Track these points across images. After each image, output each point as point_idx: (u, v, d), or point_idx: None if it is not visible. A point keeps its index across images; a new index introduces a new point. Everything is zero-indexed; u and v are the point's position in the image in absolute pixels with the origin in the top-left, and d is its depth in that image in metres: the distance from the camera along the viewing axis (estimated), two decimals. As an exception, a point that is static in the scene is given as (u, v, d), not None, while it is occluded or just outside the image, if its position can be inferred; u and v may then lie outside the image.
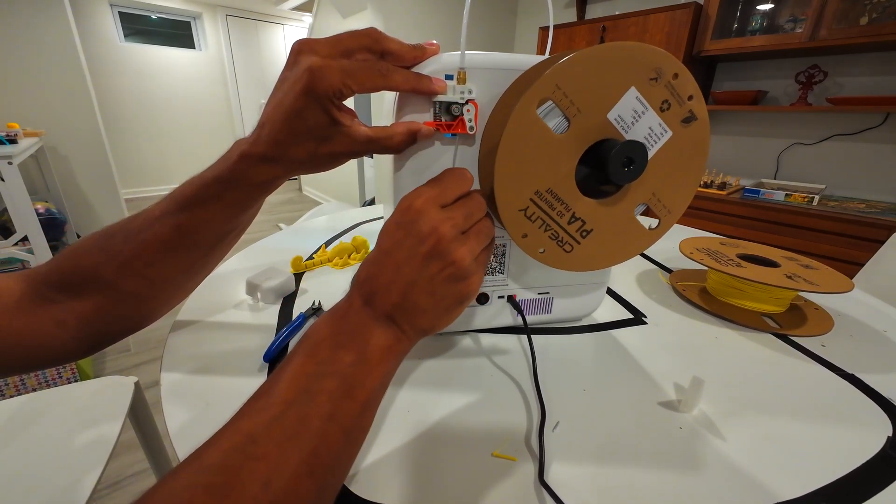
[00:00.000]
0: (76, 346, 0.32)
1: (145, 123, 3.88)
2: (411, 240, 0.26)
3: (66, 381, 1.21)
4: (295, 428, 0.21)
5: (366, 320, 0.26)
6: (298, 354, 0.24)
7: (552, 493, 0.27)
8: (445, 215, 0.27)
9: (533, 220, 0.30)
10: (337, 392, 0.22)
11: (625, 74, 0.29)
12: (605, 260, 0.34)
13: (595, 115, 0.29)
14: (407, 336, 0.26)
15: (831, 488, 0.28)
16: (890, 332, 0.48)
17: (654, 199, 0.33)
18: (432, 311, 0.27)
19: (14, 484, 0.50)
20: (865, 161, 1.72)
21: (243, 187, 0.30)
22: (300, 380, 0.23)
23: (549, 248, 0.32)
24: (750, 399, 0.36)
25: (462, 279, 0.27)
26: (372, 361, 0.24)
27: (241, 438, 0.20)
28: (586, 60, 0.28)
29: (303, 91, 0.26)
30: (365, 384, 0.24)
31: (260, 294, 0.50)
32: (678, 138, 0.32)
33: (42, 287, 0.30)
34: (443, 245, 0.26)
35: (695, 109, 0.31)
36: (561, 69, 0.27)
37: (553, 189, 0.30)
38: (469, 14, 0.31)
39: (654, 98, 0.30)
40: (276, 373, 0.23)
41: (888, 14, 1.44)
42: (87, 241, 0.32)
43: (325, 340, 0.25)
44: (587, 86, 0.28)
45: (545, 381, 0.38)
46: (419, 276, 0.26)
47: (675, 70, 0.30)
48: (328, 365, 0.23)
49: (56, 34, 2.04)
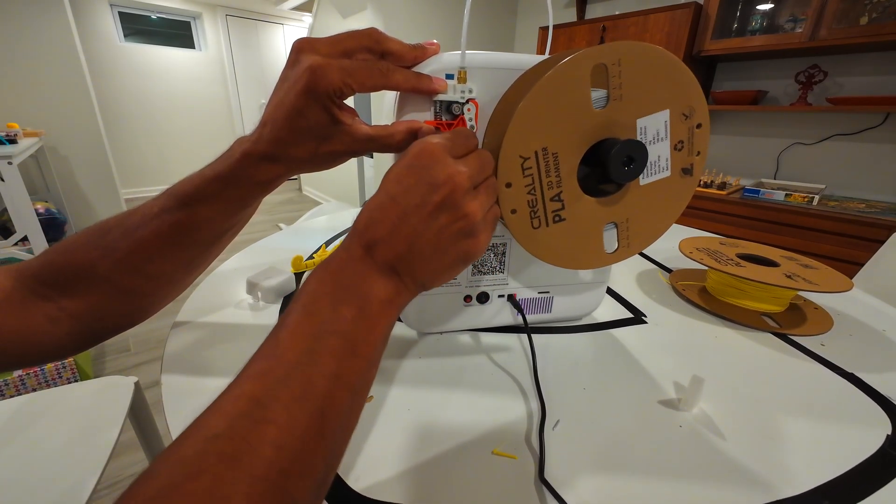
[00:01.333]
0: (71, 342, 0.32)
1: (145, 123, 3.87)
2: (423, 186, 0.25)
3: (66, 382, 1.21)
4: (301, 389, 0.20)
5: (366, 271, 0.25)
6: (297, 312, 0.23)
7: (553, 490, 0.27)
8: (461, 165, 0.25)
9: (525, 174, 0.29)
10: (340, 350, 0.22)
11: (672, 93, 0.29)
12: (557, 257, 0.33)
13: (630, 112, 0.29)
14: (407, 288, 0.26)
15: (831, 486, 0.28)
16: (889, 331, 0.48)
17: (625, 225, 0.33)
18: (435, 265, 0.26)
19: (14, 484, 0.50)
20: (865, 161, 1.72)
21: (244, 185, 0.30)
22: (302, 339, 0.22)
23: (521, 213, 0.30)
24: (750, 398, 0.36)
25: (471, 235, 0.26)
26: (374, 315, 0.24)
27: (246, 403, 0.19)
28: (655, 55, 0.28)
29: (304, 90, 0.26)
30: (368, 340, 0.23)
31: (260, 293, 0.50)
32: (672, 182, 0.32)
33: (33, 283, 0.30)
34: (457, 195, 0.25)
35: (696, 166, 0.32)
36: (632, 47, 0.27)
37: (559, 156, 0.29)
38: (469, 14, 0.31)
39: (675, 133, 0.31)
40: (274, 333, 0.23)
41: (888, 14, 1.44)
42: (81, 236, 0.31)
43: (325, 296, 0.24)
44: (642, 79, 0.28)
45: (545, 379, 0.38)
46: (427, 226, 0.25)
47: (702, 120, 0.31)
48: (330, 323, 0.23)
49: (56, 34, 2.04)
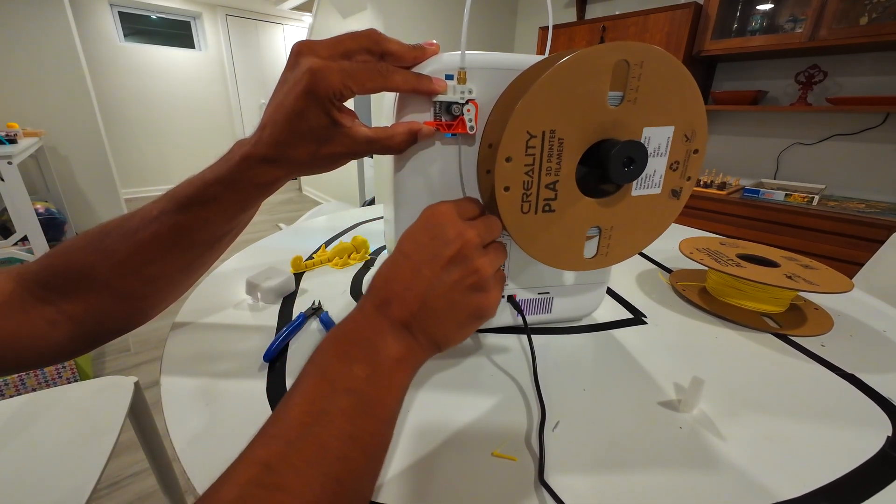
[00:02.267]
0: (70, 345, 0.32)
1: (145, 123, 3.87)
2: (436, 243, 0.26)
3: (66, 381, 1.21)
4: (314, 452, 0.20)
5: (379, 328, 0.25)
6: (309, 374, 0.23)
7: (552, 492, 0.27)
8: (470, 224, 0.27)
9: (527, 152, 0.28)
10: (354, 410, 0.21)
11: (681, 110, 0.30)
12: (537, 247, 0.32)
13: (639, 117, 0.29)
14: (421, 346, 0.25)
15: (831, 488, 0.28)
16: (889, 331, 0.48)
17: (608, 233, 0.32)
18: (448, 322, 0.26)
19: (14, 484, 0.50)
20: (865, 161, 1.72)
21: (244, 188, 0.30)
22: (314, 401, 0.21)
23: (513, 193, 0.29)
24: (750, 399, 0.36)
25: (482, 290, 0.26)
26: (387, 374, 0.23)
27: (257, 469, 0.19)
28: (675, 66, 0.28)
29: (303, 92, 0.26)
30: (383, 399, 0.23)
31: (260, 294, 0.50)
32: (659, 201, 0.32)
33: (32, 286, 0.30)
34: (468, 251, 0.26)
35: (684, 191, 0.32)
36: (657, 53, 0.27)
37: (564, 144, 0.28)
38: (469, 14, 0.31)
39: (674, 152, 0.31)
40: (287, 396, 0.22)
41: (888, 14, 1.44)
42: (80, 239, 0.31)
43: (337, 356, 0.23)
44: (659, 88, 0.29)
45: (545, 380, 0.38)
46: (440, 281, 0.25)
47: (700, 147, 0.31)
48: (342, 381, 0.22)
49: (56, 34, 2.04)
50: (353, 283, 0.57)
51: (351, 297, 0.53)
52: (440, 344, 0.27)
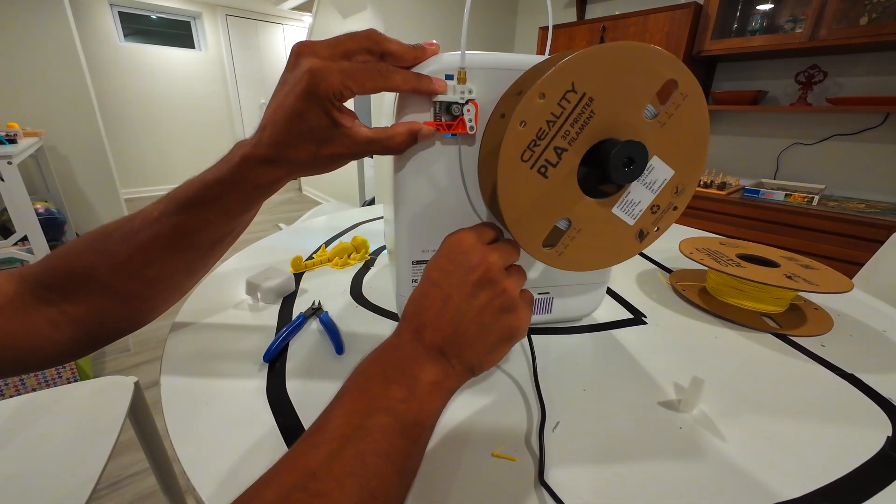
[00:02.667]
0: (72, 347, 0.32)
1: (145, 123, 3.87)
2: (462, 270, 0.27)
3: (66, 381, 1.21)
4: (353, 464, 0.20)
5: (415, 354, 0.25)
6: (350, 390, 0.24)
7: (552, 492, 0.27)
8: (491, 248, 0.28)
9: (559, 102, 0.27)
10: (390, 429, 0.22)
11: (689, 159, 0.31)
12: (510, 202, 0.29)
13: (657, 143, 0.30)
14: (455, 371, 0.26)
15: (831, 488, 0.28)
16: (889, 332, 0.48)
17: (573, 233, 0.31)
18: (480, 345, 0.26)
19: (14, 484, 0.50)
20: (865, 161, 1.72)
21: (245, 189, 0.30)
22: (354, 415, 0.22)
23: (524, 133, 0.28)
24: (750, 399, 0.36)
25: (511, 310, 0.27)
26: (422, 397, 0.24)
27: (300, 475, 0.20)
28: (705, 116, 0.30)
29: (303, 93, 0.26)
30: (417, 421, 0.23)
31: (260, 294, 0.50)
32: (625, 232, 0.32)
33: (34, 287, 0.30)
34: (493, 273, 0.27)
35: (649, 237, 0.33)
36: (700, 97, 0.29)
37: (592, 119, 0.28)
38: (469, 14, 0.31)
39: (661, 196, 0.32)
40: (328, 409, 0.23)
41: (888, 14, 1.44)
42: (82, 241, 0.31)
43: (377, 375, 0.24)
44: (686, 128, 0.30)
45: (545, 380, 0.38)
46: (469, 305, 0.26)
47: (680, 206, 0.33)
48: (380, 400, 0.23)
49: (56, 34, 2.04)
50: (353, 283, 0.57)
51: (351, 298, 0.53)
52: (474, 368, 0.27)
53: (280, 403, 0.34)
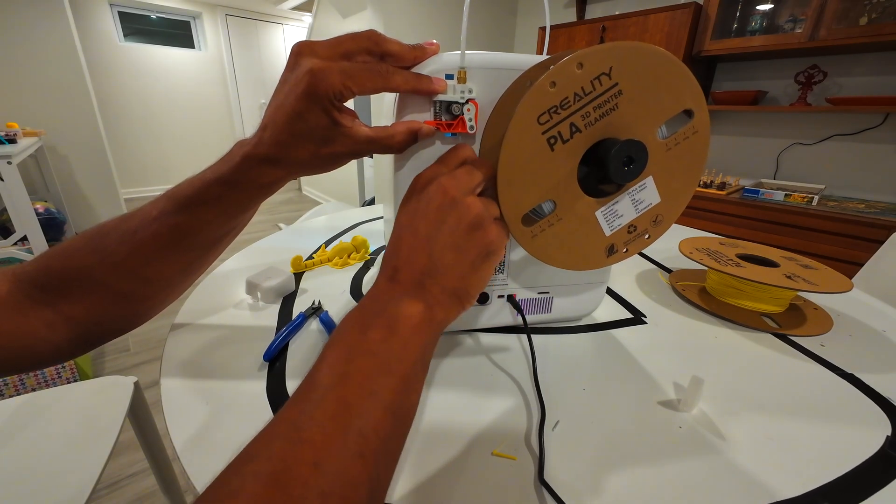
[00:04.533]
0: (68, 346, 0.31)
1: (145, 123, 3.87)
2: (423, 203, 0.27)
3: (66, 381, 1.21)
4: (335, 408, 0.20)
5: (392, 296, 0.26)
6: (330, 346, 0.24)
7: (552, 491, 0.27)
8: (448, 174, 0.28)
9: (592, 80, 0.27)
10: (373, 369, 0.22)
11: (672, 197, 0.33)
12: (510, 161, 0.29)
13: (659, 166, 0.31)
14: (438, 302, 0.26)
15: (831, 487, 0.28)
16: (889, 331, 0.48)
17: (553, 219, 0.31)
18: (459, 267, 0.27)
19: (13, 484, 0.50)
20: (865, 161, 1.72)
21: (245, 188, 0.30)
22: (335, 365, 0.22)
23: (551, 97, 0.27)
24: (749, 398, 0.36)
25: (479, 226, 0.27)
26: (404, 334, 0.24)
27: (283, 426, 0.20)
28: (705, 147, 0.31)
29: (304, 93, 0.26)
30: (402, 358, 0.23)
31: (260, 294, 0.50)
32: (597, 240, 0.33)
33: (29, 288, 0.30)
34: (452, 193, 0.27)
35: (616, 255, 0.34)
36: (706, 133, 0.31)
37: (614, 112, 0.28)
38: (469, 14, 0.31)
39: (641, 218, 0.32)
40: (311, 369, 0.23)
41: (888, 14, 1.44)
42: (78, 240, 0.31)
43: (353, 325, 0.25)
44: (686, 161, 0.31)
45: (545, 380, 0.38)
46: (438, 230, 0.26)
47: (653, 237, 0.34)
48: (358, 346, 0.23)
49: (56, 34, 2.04)
50: (352, 282, 0.57)
51: (351, 297, 0.53)
52: (459, 293, 0.27)
53: (280, 403, 0.34)
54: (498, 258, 0.29)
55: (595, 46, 0.26)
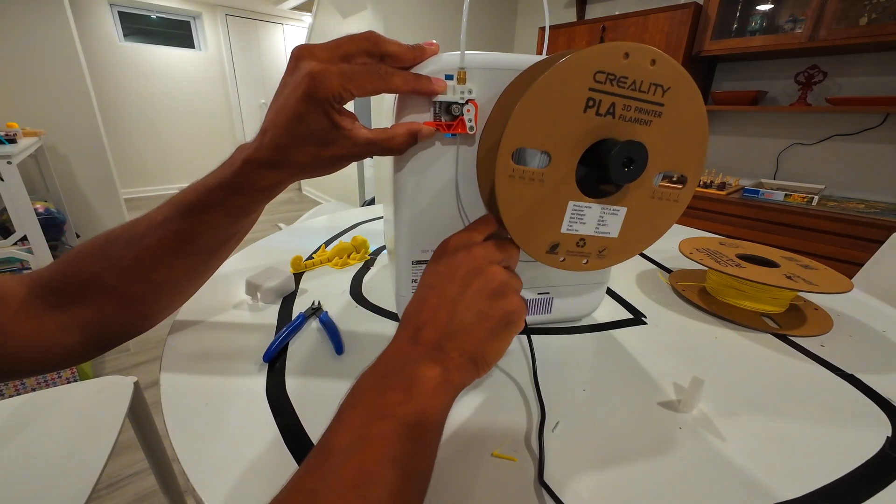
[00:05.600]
0: (81, 350, 0.32)
1: (145, 123, 3.87)
2: (451, 267, 0.28)
3: (66, 381, 1.21)
4: (355, 476, 0.20)
5: (412, 356, 0.25)
6: (348, 406, 0.23)
7: (552, 493, 0.27)
8: (478, 245, 0.29)
9: (622, 78, 0.27)
10: (392, 434, 0.22)
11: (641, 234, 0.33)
12: (527, 124, 0.28)
13: (642, 189, 0.31)
14: (455, 365, 0.25)
15: (831, 488, 0.28)
16: (889, 332, 0.48)
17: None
18: (479, 333, 0.26)
19: (13, 484, 0.50)
20: (865, 161, 1.72)
21: (247, 192, 0.30)
22: (353, 428, 0.22)
23: (585, 80, 0.27)
24: (749, 399, 0.36)
25: (503, 294, 0.27)
26: (423, 397, 0.23)
27: (302, 497, 0.19)
28: (677, 211, 0.32)
29: (303, 96, 0.26)
30: (421, 423, 0.23)
31: (260, 294, 0.50)
32: (549, 234, 0.32)
33: (44, 292, 0.30)
34: (478, 262, 0.28)
35: (551, 260, 0.33)
36: (688, 196, 0.32)
37: (632, 117, 0.28)
38: (469, 14, 0.31)
39: (594, 241, 0.32)
40: (328, 428, 0.23)
41: (888, 14, 1.44)
42: (89, 245, 0.32)
43: (373, 386, 0.24)
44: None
45: (545, 381, 0.38)
46: (461, 294, 0.27)
47: (593, 267, 0.34)
48: (378, 409, 0.23)
49: (56, 34, 2.04)
50: (352, 283, 0.57)
51: (350, 297, 0.53)
52: (477, 360, 0.26)
53: (280, 403, 0.34)
54: (518, 328, 0.28)
55: (669, 58, 0.27)
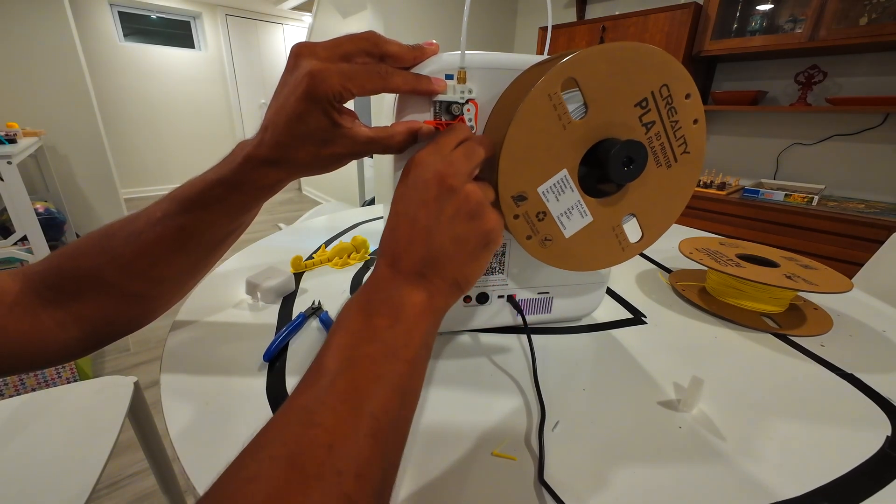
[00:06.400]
0: (78, 345, 0.32)
1: (145, 123, 3.87)
2: (419, 191, 0.27)
3: (66, 381, 1.21)
4: (345, 392, 0.21)
5: (395, 284, 0.26)
6: (335, 333, 0.24)
7: (552, 492, 0.27)
8: (444, 159, 0.27)
9: (658, 102, 0.29)
10: (380, 355, 0.23)
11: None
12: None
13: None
14: (439, 290, 0.26)
15: (830, 488, 0.28)
16: (889, 332, 0.48)
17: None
18: (458, 257, 0.27)
19: (13, 484, 0.49)
20: (865, 161, 1.72)
21: (247, 190, 0.30)
22: (342, 351, 0.23)
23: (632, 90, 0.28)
24: (749, 399, 0.36)
25: (479, 215, 0.27)
26: (409, 321, 0.24)
27: (296, 412, 0.20)
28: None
29: (303, 95, 0.26)
30: (408, 344, 0.24)
31: (260, 294, 0.50)
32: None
33: (40, 287, 0.30)
34: (449, 181, 0.26)
35: (512, 226, 0.32)
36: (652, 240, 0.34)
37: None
38: (469, 14, 0.31)
39: (550, 222, 0.32)
40: (317, 355, 0.23)
41: (888, 14, 1.44)
42: (86, 241, 0.31)
43: (358, 313, 0.25)
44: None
45: (545, 380, 0.38)
46: (436, 219, 0.26)
47: (535, 246, 0.33)
48: (364, 332, 0.24)
49: (56, 34, 2.04)
50: (352, 282, 0.57)
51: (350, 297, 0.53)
52: (460, 282, 0.27)
53: (280, 403, 0.34)
54: (497, 245, 0.28)
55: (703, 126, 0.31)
